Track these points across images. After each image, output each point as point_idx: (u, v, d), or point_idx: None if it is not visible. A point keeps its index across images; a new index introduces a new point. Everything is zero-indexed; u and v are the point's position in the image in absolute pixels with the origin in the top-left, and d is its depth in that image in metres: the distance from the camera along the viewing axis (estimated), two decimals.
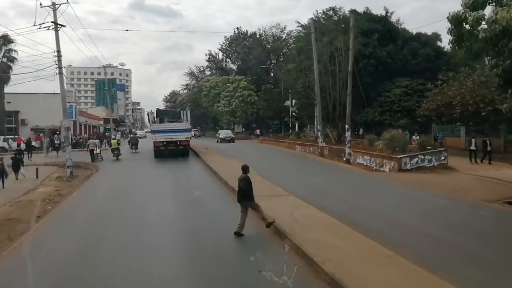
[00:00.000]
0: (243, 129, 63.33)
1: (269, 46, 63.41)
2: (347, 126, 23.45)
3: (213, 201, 13.57)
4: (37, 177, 21.73)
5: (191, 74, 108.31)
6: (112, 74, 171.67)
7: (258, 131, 57.77)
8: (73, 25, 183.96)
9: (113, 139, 30.70)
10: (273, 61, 64.03)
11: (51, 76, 22.49)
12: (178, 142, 26.48)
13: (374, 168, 22.21)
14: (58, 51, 22.40)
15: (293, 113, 38.97)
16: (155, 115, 31.13)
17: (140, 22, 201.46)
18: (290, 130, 42.11)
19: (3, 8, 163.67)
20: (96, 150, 28.57)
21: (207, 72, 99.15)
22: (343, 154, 25.73)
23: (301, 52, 31.55)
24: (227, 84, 61.20)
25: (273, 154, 30.50)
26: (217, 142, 40.75)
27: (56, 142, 29.03)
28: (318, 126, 27.38)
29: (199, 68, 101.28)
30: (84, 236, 9.93)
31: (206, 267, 7.36)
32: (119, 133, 76.18)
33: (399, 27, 36.56)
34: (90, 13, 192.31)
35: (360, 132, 35.43)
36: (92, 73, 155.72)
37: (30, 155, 29.73)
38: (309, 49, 29.17)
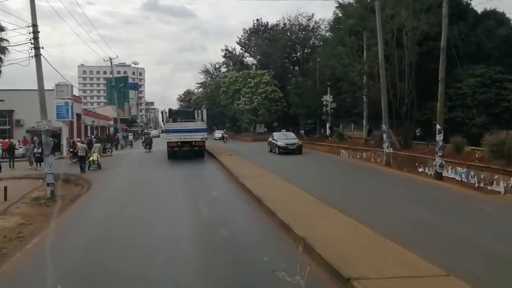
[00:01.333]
0: (266, 129, 56.83)
1: (294, 37, 56.73)
2: (438, 127, 16.85)
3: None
4: (5, 198, 15.88)
5: (206, 71, 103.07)
6: (125, 73, 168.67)
7: (283, 131, 51.11)
8: (89, 27, 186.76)
9: (99, 147, 24.37)
10: (299, 53, 57.35)
11: (25, 60, 16.31)
12: (193, 142, 24.99)
13: (476, 185, 15.57)
14: (34, 25, 16.26)
15: (331, 110, 32.35)
16: (167, 115, 29.65)
17: (154, 22, 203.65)
18: (328, 131, 35.52)
19: None
20: (93, 157, 22.61)
21: (223, 69, 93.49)
22: (417, 164, 19.23)
23: (351, 32, 24.97)
24: (248, 80, 54.78)
25: (317, 162, 24.06)
26: (271, 151, 30.07)
27: (36, 150, 22.90)
28: (384, 126, 20.74)
29: (214, 65, 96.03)
30: None
31: None
32: (131, 134, 70.78)
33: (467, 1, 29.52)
34: (105, 14, 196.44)
35: (418, 133, 28.59)
36: (105, 72, 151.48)
37: (11, 163, 23.91)
38: (364, 28, 22.73)
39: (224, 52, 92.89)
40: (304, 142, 34.93)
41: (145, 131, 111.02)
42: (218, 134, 55.06)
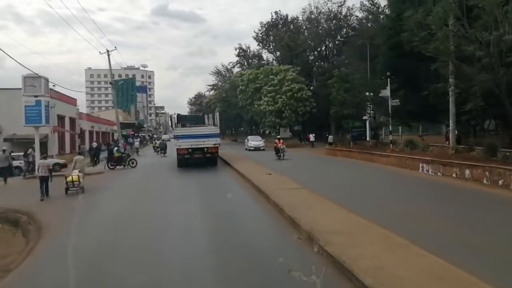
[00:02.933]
0: (291, 133, 49.12)
1: (322, 28, 48.92)
2: None
3: None
4: None
5: (217, 73, 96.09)
6: (133, 76, 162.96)
7: (311, 136, 43.52)
8: (100, 33, 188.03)
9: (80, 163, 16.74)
10: (330, 45, 49.58)
11: None
12: (206, 149, 23.15)
13: None
14: None
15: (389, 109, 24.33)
16: (176, 121, 28.01)
17: (164, 27, 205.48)
18: (382, 136, 27.77)
19: None
20: (71, 177, 15.32)
21: (237, 69, 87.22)
22: None
23: None
24: (270, 76, 47.18)
25: (406, 185, 16.18)
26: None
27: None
28: None
29: (226, 66, 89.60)
30: None
31: None
32: (137, 140, 63.73)
33: None
34: (116, 20, 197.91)
35: None
36: (113, 76, 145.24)
37: None
38: None
39: (237, 50, 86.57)
40: (350, 150, 27.11)
41: (155, 136, 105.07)
42: (254, 142, 40.70)
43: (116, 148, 29.81)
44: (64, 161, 27.18)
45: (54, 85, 34.16)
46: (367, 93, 25.20)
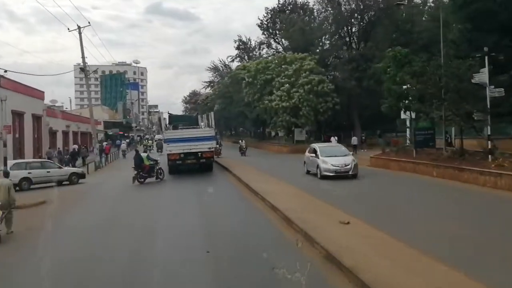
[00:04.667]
0: (307, 135, 40.98)
1: (347, 7, 40.66)
2: None
3: None
4: None
5: (214, 68, 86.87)
6: (125, 72, 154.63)
7: (334, 138, 35.38)
8: (92, 31, 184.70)
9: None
10: (357, 27, 41.34)
11: None
12: (200, 153, 21.11)
13: None
14: None
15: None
16: (167, 122, 27.40)
17: (158, 26, 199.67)
18: (450, 139, 19.84)
19: None
20: None
21: (235, 64, 79.31)
22: None
23: None
24: (283, 66, 38.95)
25: None
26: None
27: None
28: None
29: (223, 61, 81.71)
30: None
31: None
32: (124, 142, 55.22)
33: None
34: (110, 18, 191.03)
35: None
36: (103, 72, 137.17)
37: None
38: None
39: (237, 43, 78.57)
40: (419, 162, 18.89)
41: (147, 136, 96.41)
42: (336, 160, 32.28)
43: (146, 154, 22.10)
44: None
45: (5, 71, 25.86)
46: (444, 79, 17.04)
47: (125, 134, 66.25)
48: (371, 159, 23.22)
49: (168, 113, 34.74)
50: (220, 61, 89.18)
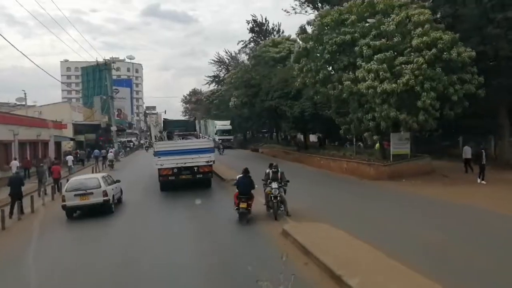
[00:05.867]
0: (406, 139, 23.32)
1: None
2: None
3: None
4: None
5: (219, 61, 75.66)
6: (117, 69, 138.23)
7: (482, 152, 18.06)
8: (92, 34, 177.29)
9: None
10: None
11: None
12: (196, 168, 19.12)
13: None
14: None
15: None
16: (161, 128, 25.31)
17: (156, 28, 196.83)
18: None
19: None
20: None
21: (244, 57, 64.22)
22: None
23: None
24: (376, 17, 21.37)
25: None
26: None
27: None
28: None
29: (229, 53, 70.89)
30: None
31: None
32: (112, 150, 38.62)
33: None
34: (109, 21, 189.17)
35: None
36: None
37: None
38: None
39: (250, 24, 63.23)
40: None
41: (141, 141, 79.89)
42: None
43: None
44: None
45: None
46: None
47: (109, 139, 48.52)
48: None
49: (163, 119, 32.62)
50: (226, 52, 73.07)
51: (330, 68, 22.38)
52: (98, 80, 71.35)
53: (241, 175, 13.12)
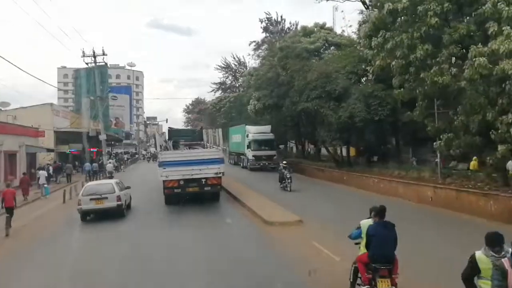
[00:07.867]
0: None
1: None
2: None
3: None
4: None
5: (226, 67, 70.92)
6: (117, 77, 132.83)
7: None
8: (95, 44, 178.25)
9: None
10: None
11: None
12: (204, 180, 18.01)
13: None
14: None
15: None
16: (166, 138, 24.56)
17: (158, 40, 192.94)
18: None
19: None
20: None
21: (252, 62, 60.01)
22: None
23: None
24: None
25: None
26: None
27: None
28: None
29: (237, 58, 67.92)
30: None
31: None
32: (110, 161, 31.13)
33: None
34: (112, 32, 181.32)
35: None
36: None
37: None
38: None
39: (263, 23, 59.56)
40: None
41: (143, 152, 76.28)
42: None
43: None
44: None
45: None
46: None
47: (98, 150, 40.32)
48: None
49: (168, 127, 32.70)
50: (234, 57, 66.84)
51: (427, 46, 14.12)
52: (93, 85, 63.28)
53: (370, 219, 6.58)
